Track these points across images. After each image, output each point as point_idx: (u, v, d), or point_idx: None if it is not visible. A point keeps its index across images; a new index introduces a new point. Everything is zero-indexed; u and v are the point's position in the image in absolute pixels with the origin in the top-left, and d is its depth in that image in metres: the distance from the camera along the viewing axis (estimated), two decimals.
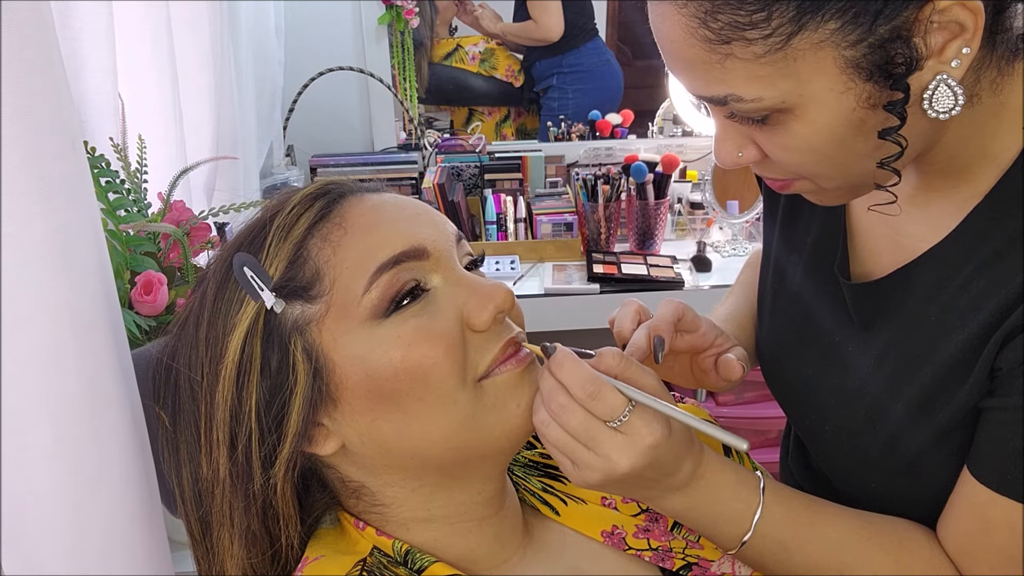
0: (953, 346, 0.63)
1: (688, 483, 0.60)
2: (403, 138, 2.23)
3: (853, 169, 0.60)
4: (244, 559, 0.61)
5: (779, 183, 0.64)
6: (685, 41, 0.55)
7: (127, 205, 0.90)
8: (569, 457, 0.57)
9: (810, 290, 0.77)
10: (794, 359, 0.78)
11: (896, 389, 0.67)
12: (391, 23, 2.10)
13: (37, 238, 0.54)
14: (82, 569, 0.60)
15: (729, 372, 0.75)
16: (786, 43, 0.52)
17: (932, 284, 0.65)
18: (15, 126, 0.50)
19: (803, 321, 0.78)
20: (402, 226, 0.59)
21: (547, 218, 1.94)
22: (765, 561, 0.64)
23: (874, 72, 0.53)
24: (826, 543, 0.64)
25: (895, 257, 0.69)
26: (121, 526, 0.63)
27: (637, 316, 0.73)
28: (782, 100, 0.55)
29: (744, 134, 0.61)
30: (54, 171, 0.54)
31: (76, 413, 0.58)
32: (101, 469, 0.61)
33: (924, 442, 0.65)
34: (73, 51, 0.85)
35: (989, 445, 0.61)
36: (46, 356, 0.56)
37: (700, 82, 0.57)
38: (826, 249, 0.75)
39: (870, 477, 0.71)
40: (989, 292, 0.61)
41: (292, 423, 0.57)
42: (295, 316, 0.57)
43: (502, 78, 2.52)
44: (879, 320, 0.70)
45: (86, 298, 0.58)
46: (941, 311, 0.64)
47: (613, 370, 0.58)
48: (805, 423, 0.79)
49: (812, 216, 0.77)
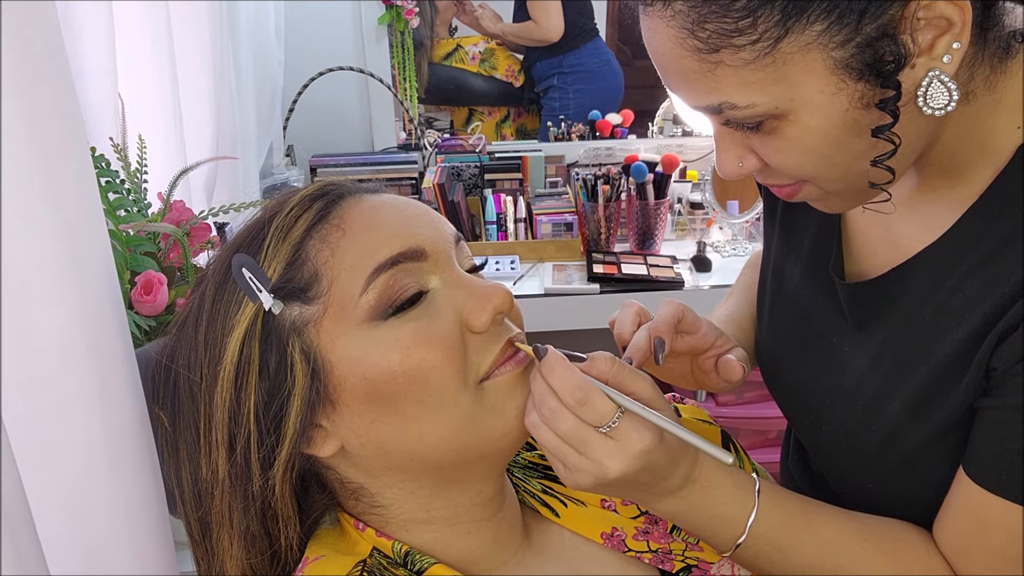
0: (948, 346, 0.63)
1: (682, 486, 0.60)
2: (403, 138, 2.23)
3: (852, 170, 0.60)
4: (244, 559, 0.61)
5: (785, 190, 0.64)
6: (676, 52, 0.55)
7: (127, 205, 0.90)
8: (561, 460, 0.58)
9: (807, 291, 0.77)
10: (792, 360, 0.78)
11: (891, 389, 0.67)
12: (391, 23, 2.10)
13: (48, 237, 0.54)
14: (95, 570, 0.61)
15: (730, 373, 0.75)
16: (774, 47, 0.52)
17: (926, 284, 0.65)
18: (25, 126, 0.51)
19: (801, 322, 0.78)
20: (400, 227, 0.59)
21: (547, 218, 1.94)
22: (760, 563, 0.64)
23: (864, 71, 0.53)
24: (822, 545, 0.64)
25: (890, 257, 0.69)
26: (133, 526, 0.64)
27: (637, 318, 0.73)
28: (775, 105, 0.55)
29: (742, 144, 0.61)
30: (63, 171, 0.55)
31: (89, 411, 0.58)
32: (114, 468, 0.61)
33: (920, 442, 0.65)
34: (73, 51, 0.85)
35: (985, 445, 0.61)
36: (59, 354, 0.56)
37: (694, 92, 0.58)
38: (822, 250, 0.75)
39: (867, 477, 0.71)
40: (984, 292, 0.60)
41: (290, 424, 0.57)
42: (293, 317, 0.57)
43: (502, 78, 2.52)
44: (873, 320, 0.70)
45: (95, 297, 0.59)
46: (935, 311, 0.64)
47: (604, 375, 0.58)
48: (803, 424, 0.79)
49: (809, 217, 0.77)
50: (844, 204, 0.66)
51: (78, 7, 0.85)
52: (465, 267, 0.63)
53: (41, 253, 0.54)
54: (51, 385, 0.56)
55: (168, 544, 0.67)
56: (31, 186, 0.52)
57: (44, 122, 0.53)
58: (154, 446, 0.65)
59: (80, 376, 0.57)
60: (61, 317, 0.56)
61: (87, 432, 0.59)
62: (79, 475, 0.59)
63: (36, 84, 0.52)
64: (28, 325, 0.54)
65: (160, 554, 0.66)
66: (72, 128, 0.56)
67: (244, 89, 1.58)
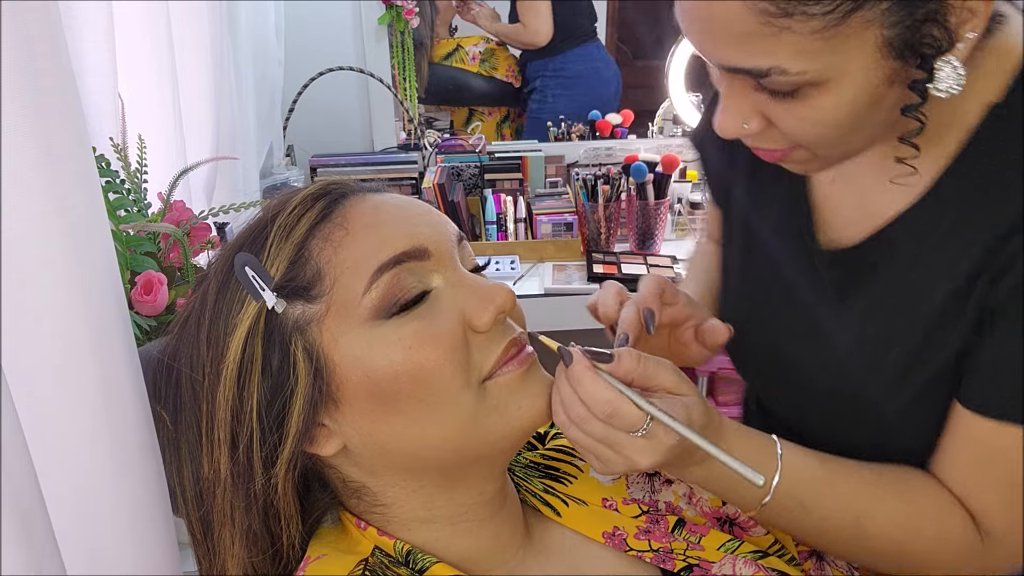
0: (938, 300, 0.65)
1: (704, 459, 0.61)
2: (403, 138, 2.23)
3: (855, 142, 0.63)
4: (245, 558, 0.61)
5: (776, 154, 0.66)
6: (739, 13, 0.55)
7: (127, 205, 0.90)
8: (592, 454, 0.59)
9: (781, 259, 0.79)
10: (767, 329, 0.79)
11: (884, 350, 0.69)
12: (391, 23, 2.10)
13: (53, 237, 0.54)
14: (99, 570, 0.61)
15: (716, 336, 0.76)
16: (843, 20, 0.53)
17: (909, 246, 0.67)
18: (29, 123, 0.51)
19: (776, 289, 0.79)
20: (403, 226, 0.59)
21: (547, 218, 1.94)
22: (784, 519, 0.67)
23: (904, 51, 0.55)
24: (841, 497, 0.67)
25: (866, 224, 0.71)
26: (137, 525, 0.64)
27: (619, 296, 0.75)
28: (822, 74, 0.56)
29: (753, 106, 0.62)
30: (67, 169, 0.55)
31: (93, 412, 0.58)
32: (119, 467, 0.61)
33: (912, 397, 0.68)
34: (73, 51, 0.85)
35: (986, 378, 0.63)
36: (63, 354, 0.56)
37: (744, 54, 0.57)
38: (794, 218, 0.77)
39: (850, 434, 0.73)
40: (969, 243, 0.63)
41: (293, 423, 0.57)
42: (296, 316, 0.57)
43: (502, 78, 2.52)
44: (856, 285, 0.71)
45: (99, 296, 0.59)
46: (921, 270, 0.66)
47: (631, 373, 0.59)
48: (776, 385, 0.81)
49: (777, 185, 0.78)
50: (821, 168, 0.68)
51: (78, 7, 0.85)
52: (468, 266, 0.63)
53: (45, 254, 0.54)
54: (55, 385, 0.56)
55: (172, 543, 0.67)
56: (34, 186, 0.52)
57: (47, 122, 0.52)
58: (158, 445, 0.65)
59: (84, 377, 0.57)
60: (65, 317, 0.56)
61: (91, 432, 0.59)
62: (83, 475, 0.59)
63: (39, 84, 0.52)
64: (31, 326, 0.54)
65: (164, 553, 0.66)
66: (75, 128, 0.56)
67: (244, 89, 1.58)
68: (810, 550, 0.77)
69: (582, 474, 0.74)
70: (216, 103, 1.29)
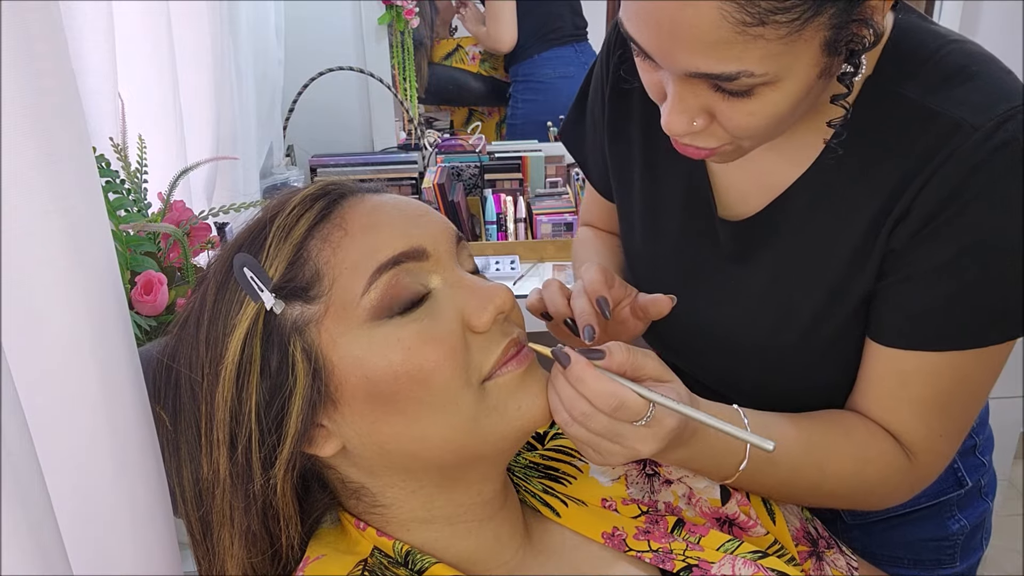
0: (843, 248, 0.72)
1: (690, 439, 0.65)
2: (403, 138, 2.22)
3: (780, 131, 0.67)
4: (244, 559, 0.61)
5: (705, 152, 0.68)
6: (714, 22, 0.56)
7: (127, 205, 0.90)
8: (593, 449, 0.60)
9: (688, 233, 0.84)
10: (682, 301, 0.80)
11: (797, 303, 0.76)
12: (391, 23, 2.10)
13: (53, 236, 0.54)
14: (99, 570, 0.61)
15: (659, 307, 0.77)
16: (804, 25, 0.56)
17: (805, 208, 0.74)
18: (29, 123, 0.51)
19: (684, 261, 0.84)
20: (402, 227, 0.59)
21: (547, 218, 1.94)
22: (757, 479, 0.71)
23: (839, 49, 0.59)
24: (802, 448, 0.73)
25: (763, 196, 0.77)
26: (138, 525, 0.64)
27: (563, 291, 0.77)
28: (778, 75, 0.59)
29: (703, 106, 0.63)
30: (67, 169, 0.55)
31: (93, 411, 0.58)
32: (119, 467, 0.61)
33: (828, 337, 0.76)
34: (73, 51, 0.85)
35: (893, 314, 0.71)
36: (64, 353, 0.56)
37: (713, 60, 0.58)
38: (696, 196, 0.82)
39: (777, 388, 0.81)
40: (869, 191, 0.70)
41: (292, 424, 0.57)
42: (295, 317, 0.57)
43: (502, 78, 2.51)
44: (760, 250, 0.78)
45: (99, 295, 0.59)
46: (821, 227, 0.73)
47: (624, 364, 0.60)
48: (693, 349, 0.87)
49: (678, 166, 0.81)
50: (741, 156, 0.71)
51: (78, 7, 0.85)
52: (467, 267, 0.63)
53: (45, 253, 0.54)
54: (55, 385, 0.56)
55: (172, 544, 0.67)
56: (35, 186, 0.52)
57: (47, 122, 0.53)
58: (158, 445, 0.65)
59: (84, 377, 0.57)
60: (65, 317, 0.56)
61: (91, 432, 0.59)
62: (83, 475, 0.59)
63: (39, 84, 0.52)
64: (32, 326, 0.54)
65: (164, 553, 0.66)
66: (75, 128, 0.56)
67: (244, 89, 1.58)
68: (810, 550, 0.77)
69: (581, 474, 0.74)
70: (216, 103, 1.29)
